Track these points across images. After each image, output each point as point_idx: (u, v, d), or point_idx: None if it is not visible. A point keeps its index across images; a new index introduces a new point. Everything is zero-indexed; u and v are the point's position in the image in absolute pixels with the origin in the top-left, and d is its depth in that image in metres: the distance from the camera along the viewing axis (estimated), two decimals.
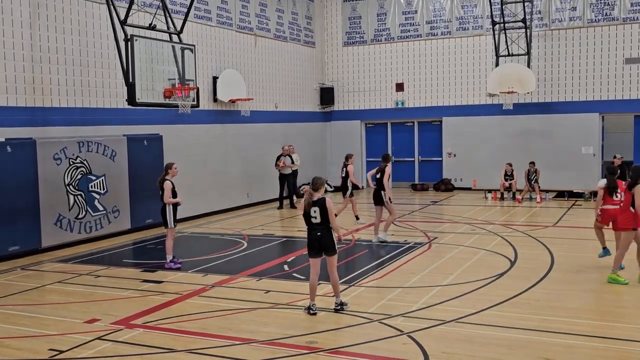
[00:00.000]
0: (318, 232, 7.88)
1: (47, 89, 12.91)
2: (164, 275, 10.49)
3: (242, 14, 18.94)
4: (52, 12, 13.02)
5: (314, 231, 7.92)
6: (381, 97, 23.07)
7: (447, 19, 21.81)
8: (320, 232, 7.87)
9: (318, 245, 7.93)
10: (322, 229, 7.87)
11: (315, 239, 7.92)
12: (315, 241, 7.92)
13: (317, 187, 7.93)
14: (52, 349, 6.97)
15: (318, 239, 7.89)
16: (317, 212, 7.83)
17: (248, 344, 6.99)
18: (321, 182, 7.96)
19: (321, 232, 7.86)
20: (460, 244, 12.45)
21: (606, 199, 10.02)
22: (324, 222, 7.86)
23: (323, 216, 7.84)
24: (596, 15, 19.83)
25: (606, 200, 10.01)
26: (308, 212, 7.89)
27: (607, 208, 9.96)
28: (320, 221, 7.86)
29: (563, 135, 20.16)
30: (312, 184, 7.99)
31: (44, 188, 12.40)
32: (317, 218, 7.86)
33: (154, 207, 14.96)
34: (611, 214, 9.89)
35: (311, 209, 7.85)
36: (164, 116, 15.50)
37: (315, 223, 7.89)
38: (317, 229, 7.89)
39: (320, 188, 7.94)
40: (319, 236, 7.87)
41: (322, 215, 7.84)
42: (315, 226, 7.90)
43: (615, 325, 7.41)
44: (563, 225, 14.60)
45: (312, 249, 8.00)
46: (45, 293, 9.59)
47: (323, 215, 7.84)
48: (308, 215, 7.91)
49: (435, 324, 7.49)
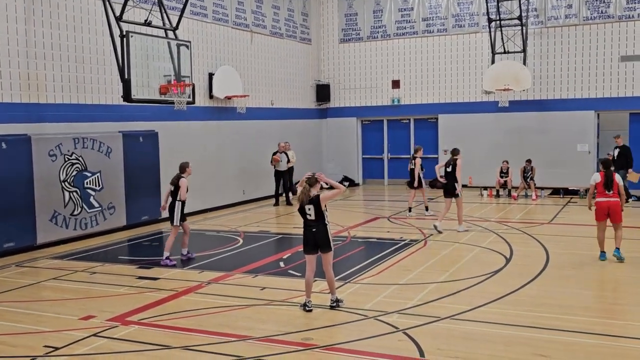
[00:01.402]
0: (313, 229, 7.94)
1: (42, 85, 12.87)
2: (160, 272, 10.48)
3: (238, 11, 18.90)
4: (47, 8, 12.97)
5: (309, 227, 7.98)
6: (377, 94, 23.07)
7: (443, 16, 21.82)
8: (315, 228, 7.93)
9: (313, 242, 7.99)
10: (316, 225, 7.93)
11: (310, 235, 7.99)
12: (311, 237, 7.99)
13: (312, 183, 8.00)
14: (48, 345, 6.96)
15: (313, 235, 7.96)
16: (312, 209, 7.93)
17: (244, 340, 7.00)
18: (314, 179, 8.04)
19: (316, 228, 7.93)
20: (455, 241, 12.47)
21: (602, 193, 10.14)
22: (318, 219, 7.93)
23: (317, 214, 7.93)
24: (592, 12, 19.85)
25: (602, 194, 10.14)
26: (303, 207, 7.98)
27: (601, 201, 10.13)
28: (315, 218, 7.94)
29: (558, 132, 20.19)
30: (307, 180, 8.04)
31: (39, 185, 12.36)
32: (311, 215, 7.96)
33: (149, 203, 15.04)
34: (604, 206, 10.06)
35: (306, 207, 7.95)
36: (160, 113, 15.46)
37: (310, 220, 7.96)
38: (312, 225, 7.96)
39: (314, 184, 8.01)
40: (313, 232, 7.94)
41: (317, 213, 7.93)
42: (310, 222, 7.97)
43: (611, 322, 7.43)
44: (558, 223, 14.64)
45: (307, 245, 8.07)
46: (40, 290, 9.57)
47: (317, 213, 7.93)
48: (303, 211, 7.99)
49: (430, 320, 7.50)
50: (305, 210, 7.96)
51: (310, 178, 8.04)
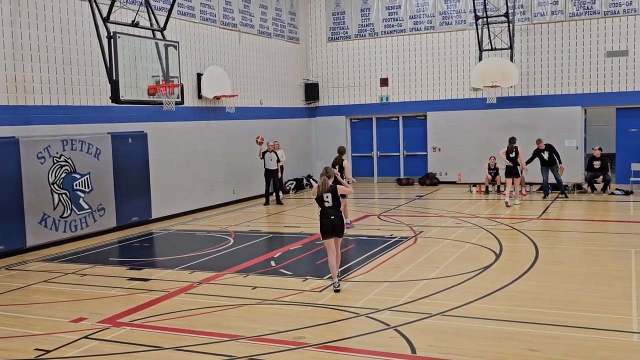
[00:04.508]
0: (332, 216, 8.92)
1: (30, 87, 12.80)
2: (151, 273, 10.46)
3: (225, 10, 18.87)
4: (33, 9, 12.90)
5: (327, 214, 8.94)
6: (366, 92, 23.11)
7: (431, 13, 21.89)
8: (334, 215, 8.94)
9: (332, 228, 8.91)
10: (334, 213, 8.95)
11: (328, 222, 8.92)
12: (329, 224, 8.92)
13: (330, 175, 9.14)
14: (38, 348, 6.93)
15: (331, 222, 8.91)
16: (330, 197, 8.98)
17: (236, 340, 7.01)
18: (332, 171, 9.34)
19: (334, 215, 8.94)
20: (445, 237, 12.53)
21: None
22: (334, 206, 8.98)
23: (335, 201, 9.00)
24: (578, 9, 19.98)
25: None
26: (321, 197, 9.00)
27: None
28: (332, 204, 8.97)
29: (546, 128, 20.27)
30: (325, 172, 9.12)
31: (28, 187, 12.31)
32: (329, 202, 8.98)
33: (139, 204, 15.02)
34: None
35: (324, 195, 8.97)
36: (149, 113, 15.43)
37: (328, 207, 8.96)
38: (330, 212, 8.93)
39: (332, 176, 9.19)
40: (332, 219, 8.92)
41: (334, 201, 9.00)
42: (328, 210, 8.95)
43: (599, 316, 7.50)
44: (547, 218, 14.74)
45: (326, 232, 8.96)
46: (30, 293, 9.53)
47: (335, 201, 9.00)
48: (321, 200, 8.99)
49: (421, 317, 7.54)
50: (324, 198, 8.96)
51: (329, 170, 9.20)
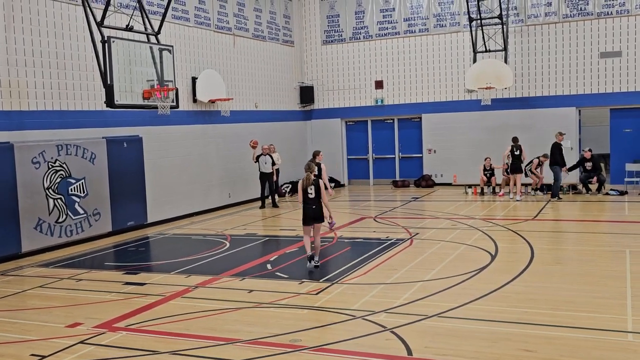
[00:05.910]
0: (313, 206, 10.10)
1: (24, 92, 12.79)
2: (147, 277, 10.45)
3: (220, 14, 18.89)
4: (27, 14, 12.89)
5: (309, 204, 10.10)
6: (361, 94, 23.15)
7: (425, 16, 21.94)
8: (315, 205, 10.10)
9: (312, 216, 10.11)
10: (316, 203, 10.10)
11: (310, 212, 10.11)
12: (310, 213, 10.11)
13: (312, 170, 10.16)
14: (34, 354, 6.92)
15: (312, 211, 10.10)
16: (313, 189, 10.11)
17: (232, 343, 7.00)
18: (314, 166, 10.40)
19: (315, 205, 10.10)
20: (441, 239, 12.54)
21: None
22: (317, 197, 10.12)
23: (317, 192, 10.11)
24: (571, 10, 20.06)
25: None
26: (306, 189, 10.11)
27: None
28: (315, 196, 10.11)
29: (541, 129, 20.34)
30: (308, 168, 10.17)
31: (23, 192, 12.28)
32: (312, 194, 10.11)
33: (135, 209, 15.00)
34: None
35: (308, 188, 10.09)
36: (144, 118, 15.42)
37: (312, 198, 10.10)
38: (311, 202, 10.08)
39: (314, 170, 10.24)
40: (313, 209, 10.10)
41: (316, 192, 10.11)
42: (310, 201, 10.09)
43: (594, 316, 7.52)
44: (542, 219, 14.77)
45: (307, 218, 10.14)
46: (26, 298, 9.51)
47: (317, 192, 10.11)
48: (305, 192, 10.10)
49: (418, 319, 7.55)
50: (308, 190, 10.10)
51: (312, 165, 10.23)
